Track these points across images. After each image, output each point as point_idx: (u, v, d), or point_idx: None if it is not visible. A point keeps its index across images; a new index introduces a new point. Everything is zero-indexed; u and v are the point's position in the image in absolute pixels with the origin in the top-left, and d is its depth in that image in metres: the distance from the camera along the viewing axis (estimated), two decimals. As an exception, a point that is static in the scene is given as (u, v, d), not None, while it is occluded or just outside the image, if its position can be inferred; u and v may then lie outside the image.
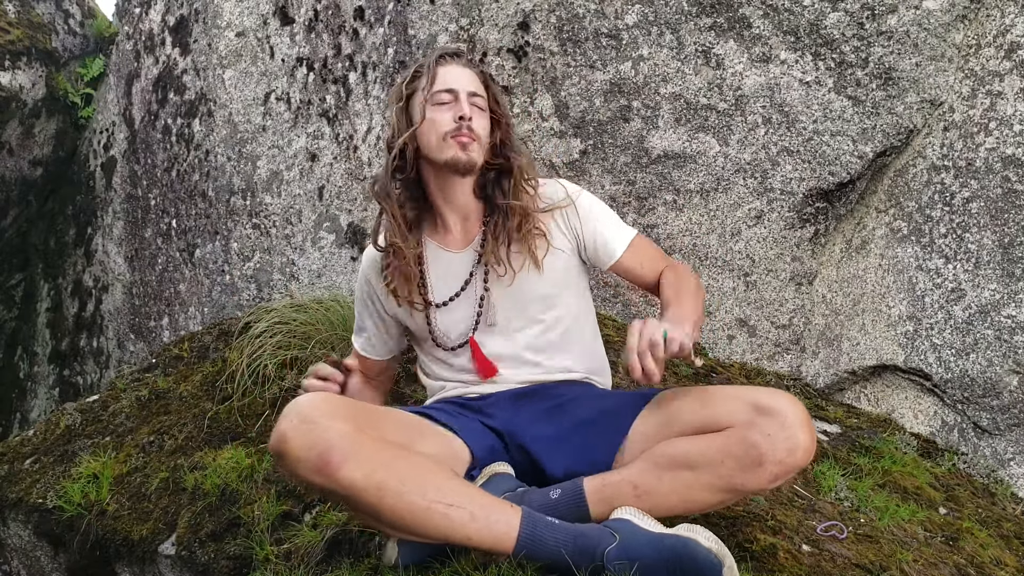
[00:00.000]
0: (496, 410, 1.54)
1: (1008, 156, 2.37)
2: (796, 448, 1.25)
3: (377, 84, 3.42)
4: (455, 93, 1.58)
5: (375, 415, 1.38)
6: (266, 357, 2.22)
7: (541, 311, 1.60)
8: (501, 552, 1.26)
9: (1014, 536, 1.93)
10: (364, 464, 1.22)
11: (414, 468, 1.27)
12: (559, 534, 1.26)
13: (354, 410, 1.31)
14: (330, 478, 1.21)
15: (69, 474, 2.16)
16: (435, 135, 1.56)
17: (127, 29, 4.82)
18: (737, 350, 2.82)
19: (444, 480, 1.28)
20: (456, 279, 1.62)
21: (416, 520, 1.24)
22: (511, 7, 2.98)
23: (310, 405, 1.26)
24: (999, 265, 2.34)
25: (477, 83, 1.63)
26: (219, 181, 4.05)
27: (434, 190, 1.63)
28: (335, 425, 1.23)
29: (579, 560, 1.23)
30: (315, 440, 1.21)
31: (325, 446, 1.21)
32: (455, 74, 1.61)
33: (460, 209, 1.64)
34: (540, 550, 1.24)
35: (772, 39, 2.64)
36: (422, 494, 1.24)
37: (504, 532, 1.25)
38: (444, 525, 1.24)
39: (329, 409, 1.26)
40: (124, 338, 4.74)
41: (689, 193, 2.81)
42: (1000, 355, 2.30)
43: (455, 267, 1.62)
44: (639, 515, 1.29)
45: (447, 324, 1.62)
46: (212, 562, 1.72)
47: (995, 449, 2.34)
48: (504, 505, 1.29)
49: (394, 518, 1.24)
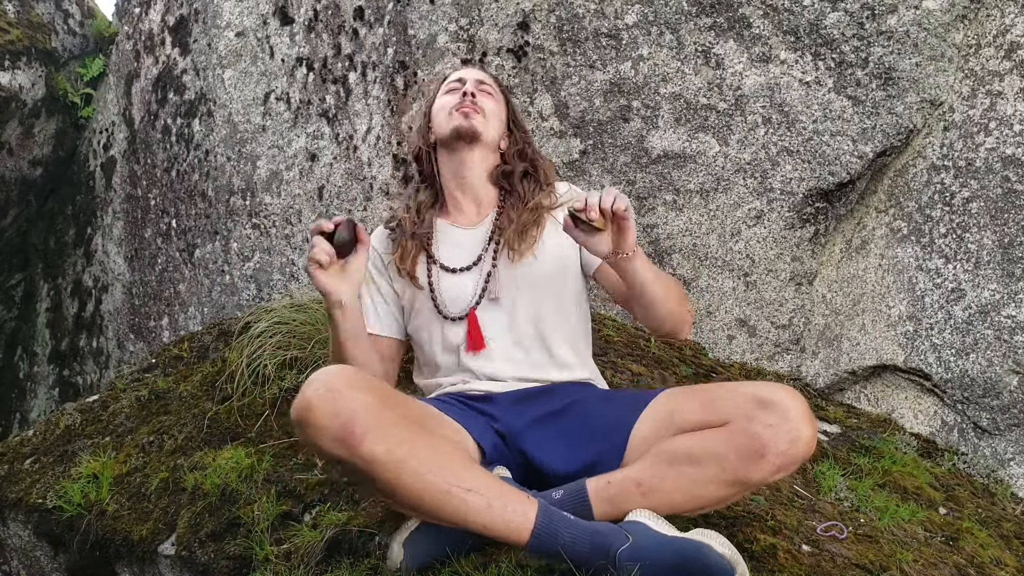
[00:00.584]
0: (498, 411, 1.53)
1: (1008, 156, 2.37)
2: (798, 439, 1.25)
3: (377, 84, 3.42)
4: (463, 80, 1.74)
5: (397, 395, 1.37)
6: (266, 357, 2.22)
7: (543, 296, 1.62)
8: (515, 542, 1.25)
9: (1014, 536, 1.93)
10: (387, 438, 1.21)
11: (435, 449, 1.26)
12: (575, 529, 1.25)
13: (379, 385, 1.31)
14: (352, 450, 1.20)
15: (69, 474, 2.16)
16: (443, 114, 1.71)
17: (127, 29, 4.82)
18: (737, 350, 2.82)
19: (464, 465, 1.27)
20: (466, 253, 1.66)
21: (434, 502, 1.23)
22: (511, 7, 2.98)
23: (337, 375, 1.25)
24: (999, 265, 2.34)
25: (488, 79, 1.79)
26: (219, 181, 4.05)
27: (447, 173, 1.72)
28: (360, 396, 1.22)
29: (592, 557, 1.22)
30: (340, 409, 1.20)
31: (349, 416, 1.20)
32: (465, 71, 1.80)
33: (473, 191, 1.71)
34: (554, 544, 1.23)
35: (772, 39, 2.64)
36: (442, 476, 1.23)
37: (520, 523, 1.24)
38: (462, 510, 1.23)
39: (355, 381, 1.25)
40: (124, 338, 4.74)
41: (689, 193, 2.81)
42: (1000, 355, 2.30)
43: (466, 242, 1.67)
44: (654, 518, 1.28)
45: (453, 291, 1.64)
46: (212, 562, 1.72)
47: (995, 449, 2.34)
48: (522, 496, 1.28)
49: (411, 498, 1.23)
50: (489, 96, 1.73)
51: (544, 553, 1.25)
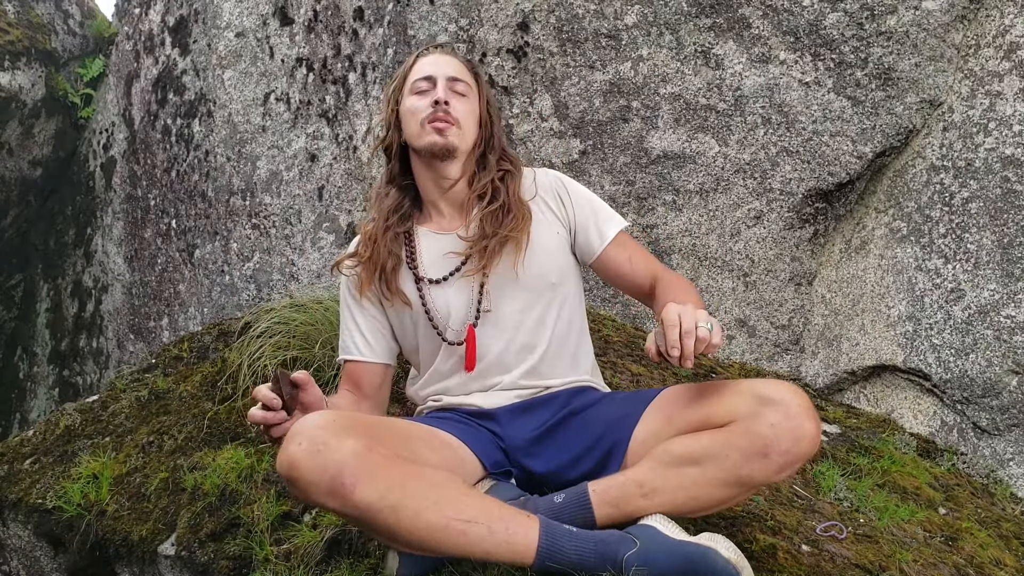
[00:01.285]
0: (500, 427, 1.51)
1: (1007, 156, 2.37)
2: (802, 437, 1.23)
3: (377, 84, 3.42)
4: (432, 80, 1.57)
5: (384, 429, 1.34)
6: (266, 357, 2.22)
7: (536, 301, 1.56)
8: (521, 564, 1.24)
9: (1013, 536, 1.93)
10: (378, 484, 1.18)
11: (429, 485, 1.24)
12: (579, 542, 1.23)
13: (364, 425, 1.27)
14: (344, 500, 1.17)
15: (69, 474, 2.16)
16: (414, 123, 1.56)
17: (127, 29, 4.82)
18: (737, 350, 2.82)
19: (460, 495, 1.25)
20: (450, 260, 1.56)
21: (435, 539, 1.21)
22: (511, 7, 2.98)
23: (319, 425, 1.21)
24: (998, 265, 2.34)
25: (461, 69, 1.61)
26: (219, 181, 4.05)
27: (423, 179, 1.61)
28: (346, 444, 1.18)
29: (599, 567, 1.21)
30: (326, 463, 1.17)
31: (337, 468, 1.17)
32: (434, 61, 1.60)
33: (453, 197, 1.61)
34: (560, 560, 1.22)
35: (771, 39, 2.64)
36: (439, 511, 1.21)
37: (523, 545, 1.22)
38: (462, 542, 1.21)
39: (339, 427, 1.21)
40: (124, 338, 4.74)
41: (689, 193, 2.81)
42: (999, 355, 2.30)
43: (448, 248, 1.57)
44: (664, 522, 1.27)
45: (446, 307, 1.55)
46: (212, 562, 1.72)
47: (994, 449, 2.34)
48: (521, 516, 1.26)
49: (411, 538, 1.21)
50: (462, 97, 1.58)
51: (551, 571, 1.23)
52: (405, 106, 1.59)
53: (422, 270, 1.58)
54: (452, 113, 1.54)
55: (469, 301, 1.55)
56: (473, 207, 1.59)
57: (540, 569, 1.23)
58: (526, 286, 1.55)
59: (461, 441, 1.44)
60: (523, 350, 1.55)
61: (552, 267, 1.58)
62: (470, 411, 1.55)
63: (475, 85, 1.62)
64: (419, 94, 1.57)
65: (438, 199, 1.62)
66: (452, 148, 1.54)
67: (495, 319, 1.55)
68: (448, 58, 1.62)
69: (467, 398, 1.56)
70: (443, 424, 1.48)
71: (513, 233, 1.53)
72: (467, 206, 1.60)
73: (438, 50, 1.62)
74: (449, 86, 1.57)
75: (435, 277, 1.57)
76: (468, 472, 1.42)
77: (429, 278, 1.57)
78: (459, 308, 1.55)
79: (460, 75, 1.59)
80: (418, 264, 1.58)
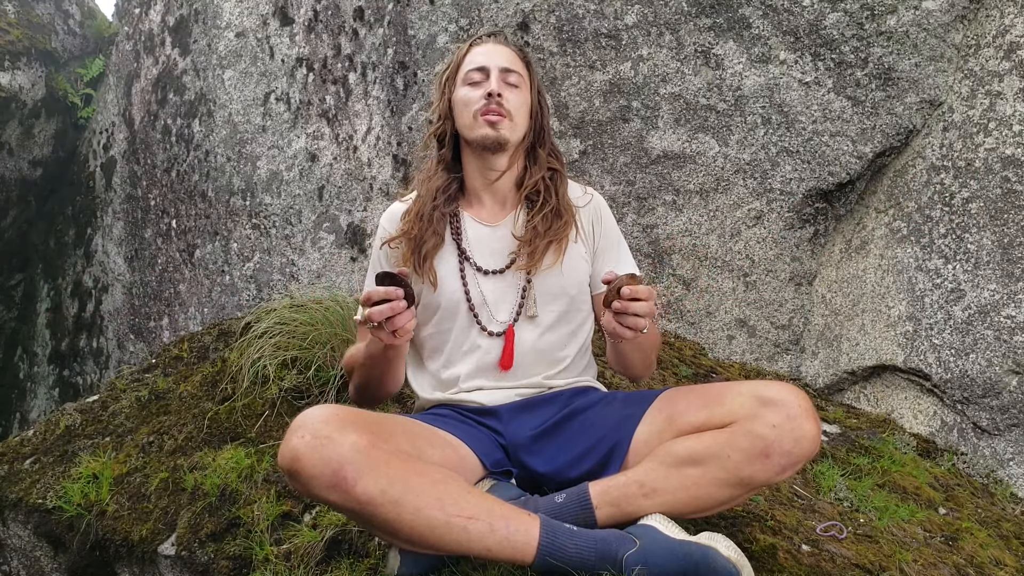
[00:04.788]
0: (501, 425, 1.51)
1: (1007, 156, 2.37)
2: (803, 438, 1.24)
3: (377, 84, 3.42)
4: (486, 71, 1.57)
5: (387, 425, 1.34)
6: (266, 357, 2.22)
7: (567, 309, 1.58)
8: (521, 562, 1.24)
9: (1013, 536, 1.93)
10: (380, 479, 1.18)
11: (431, 481, 1.24)
12: (579, 541, 1.24)
13: (367, 420, 1.27)
14: (346, 494, 1.17)
15: (69, 474, 2.16)
16: (467, 114, 1.56)
17: (127, 29, 4.82)
18: (737, 350, 2.82)
19: (461, 492, 1.25)
20: (495, 255, 1.57)
21: (436, 535, 1.21)
22: (511, 7, 2.98)
23: (321, 419, 1.21)
24: (999, 265, 2.34)
25: (513, 59, 1.60)
26: (219, 181, 4.05)
27: (471, 168, 1.62)
28: (348, 439, 1.18)
29: (599, 566, 1.21)
30: (329, 456, 1.17)
31: (339, 461, 1.17)
32: (487, 51, 1.60)
33: (500, 192, 1.62)
34: (560, 559, 1.22)
35: (772, 39, 2.64)
36: (441, 508, 1.21)
37: (524, 543, 1.23)
38: (464, 539, 1.21)
39: (341, 421, 1.21)
40: (124, 338, 4.74)
41: (689, 193, 2.81)
42: (999, 355, 2.30)
43: (492, 242, 1.58)
44: (664, 522, 1.27)
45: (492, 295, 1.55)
46: (212, 562, 1.72)
47: (994, 449, 2.34)
48: (522, 514, 1.26)
49: (412, 534, 1.21)
50: (514, 88, 1.57)
51: (551, 569, 1.24)
52: (458, 96, 1.59)
53: (470, 254, 1.58)
54: (505, 105, 1.54)
55: (515, 299, 1.56)
56: (516, 202, 1.61)
57: (540, 567, 1.23)
58: (567, 292, 1.57)
59: (461, 440, 1.44)
60: (553, 360, 1.57)
61: (585, 277, 1.61)
62: (471, 408, 1.55)
63: (527, 75, 1.62)
64: (472, 85, 1.57)
65: (481, 189, 1.62)
66: (504, 141, 1.55)
67: (532, 322, 1.56)
68: (501, 47, 1.61)
69: (468, 395, 1.56)
70: (443, 423, 1.48)
71: (559, 236, 1.55)
72: (509, 200, 1.62)
73: (491, 39, 1.62)
74: (502, 77, 1.56)
75: (489, 268, 1.57)
76: (468, 471, 1.42)
77: (482, 267, 1.57)
78: (505, 303, 1.56)
79: (513, 65, 1.59)
80: (465, 248, 1.58)
